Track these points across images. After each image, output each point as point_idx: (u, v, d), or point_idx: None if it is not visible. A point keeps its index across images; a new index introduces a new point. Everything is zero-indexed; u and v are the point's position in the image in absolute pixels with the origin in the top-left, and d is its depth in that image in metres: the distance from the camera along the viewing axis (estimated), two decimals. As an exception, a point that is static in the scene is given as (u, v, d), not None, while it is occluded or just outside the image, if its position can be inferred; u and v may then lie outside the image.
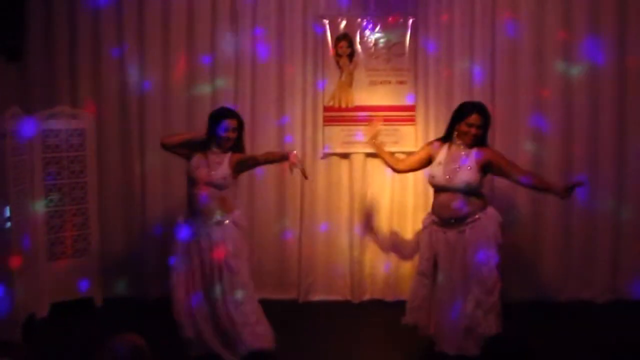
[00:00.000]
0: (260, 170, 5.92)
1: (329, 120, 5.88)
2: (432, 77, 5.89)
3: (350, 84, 5.86)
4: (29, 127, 5.38)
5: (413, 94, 5.87)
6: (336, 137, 5.89)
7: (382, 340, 5.06)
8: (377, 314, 5.68)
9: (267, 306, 5.79)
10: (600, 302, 5.84)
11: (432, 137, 5.81)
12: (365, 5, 5.91)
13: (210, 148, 4.60)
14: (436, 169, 4.52)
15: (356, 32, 5.86)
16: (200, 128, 5.81)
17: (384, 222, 5.95)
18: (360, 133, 5.78)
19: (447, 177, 4.44)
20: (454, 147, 4.53)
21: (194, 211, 4.59)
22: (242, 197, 5.93)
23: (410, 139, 5.86)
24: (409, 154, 5.18)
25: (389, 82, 5.86)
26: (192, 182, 4.59)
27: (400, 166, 4.90)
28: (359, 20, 5.86)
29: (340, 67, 5.87)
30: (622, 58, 5.83)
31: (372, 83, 5.87)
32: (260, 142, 5.92)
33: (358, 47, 5.86)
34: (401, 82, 5.86)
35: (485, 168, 4.48)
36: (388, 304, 5.92)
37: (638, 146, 5.83)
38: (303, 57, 5.90)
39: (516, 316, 5.51)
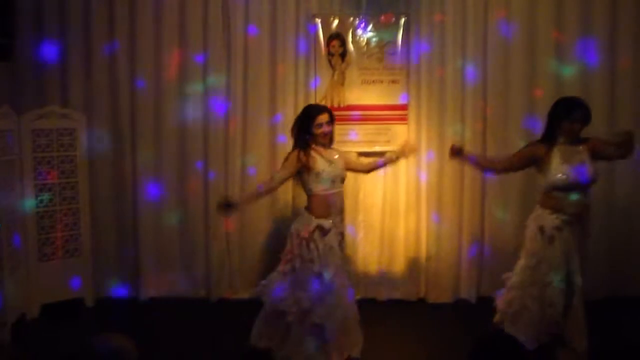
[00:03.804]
0: (252, 169, 5.94)
1: (321, 120, 5.86)
2: (424, 76, 5.88)
3: (342, 83, 5.84)
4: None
5: (405, 93, 5.85)
6: (328, 137, 5.88)
7: (375, 338, 5.04)
8: (370, 313, 5.65)
9: (257, 305, 5.82)
10: (593, 299, 5.84)
11: (424, 136, 5.88)
12: (358, 4, 5.89)
13: (310, 148, 4.56)
14: (563, 168, 4.39)
15: (348, 31, 5.83)
16: (191, 126, 5.90)
17: (376, 221, 5.95)
18: (359, 132, 5.80)
19: (575, 175, 4.37)
20: (563, 147, 4.44)
21: (328, 211, 4.50)
22: (232, 193, 5.91)
23: (402, 138, 5.84)
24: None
25: (381, 81, 5.84)
26: (326, 182, 4.50)
27: (499, 167, 4.87)
28: (352, 19, 5.84)
29: (332, 66, 5.85)
30: (613, 59, 5.85)
31: (365, 82, 5.85)
32: (252, 141, 5.93)
33: (350, 46, 5.83)
34: (393, 81, 5.84)
35: (598, 159, 4.47)
36: (380, 303, 5.93)
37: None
38: (295, 56, 5.88)
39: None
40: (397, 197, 5.93)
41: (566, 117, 4.41)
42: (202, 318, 5.57)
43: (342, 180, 4.60)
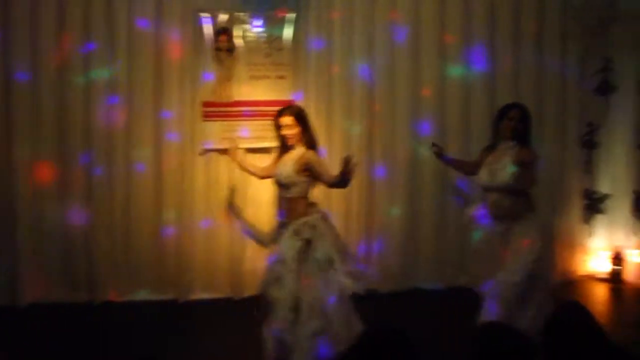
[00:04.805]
0: (140, 166, 5.78)
1: (208, 115, 5.77)
2: (312, 73, 5.93)
3: (229, 78, 5.77)
4: None
5: (293, 89, 5.86)
6: (216, 133, 5.78)
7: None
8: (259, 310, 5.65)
9: (145, 307, 5.68)
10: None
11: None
12: (247, -1, 5.85)
13: (284, 150, 4.58)
14: (481, 171, 4.72)
15: (236, 26, 5.77)
16: (71, 122, 5.67)
17: (264, 217, 5.90)
18: (247, 128, 5.78)
19: (489, 177, 4.64)
20: (498, 149, 4.70)
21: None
22: (118, 191, 5.75)
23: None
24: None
25: (269, 77, 5.81)
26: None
27: (466, 169, 5.18)
28: (240, 14, 5.77)
29: (220, 61, 5.76)
30: (494, 62, 6.14)
31: (252, 77, 5.80)
32: (139, 137, 5.77)
33: (238, 41, 5.78)
34: (281, 77, 5.83)
35: (522, 166, 4.56)
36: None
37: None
38: (182, 51, 5.76)
39: (396, 305, 5.70)
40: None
41: (502, 117, 4.71)
42: (86, 323, 5.33)
43: (282, 185, 4.49)
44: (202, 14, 5.73)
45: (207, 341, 4.97)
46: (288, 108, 4.63)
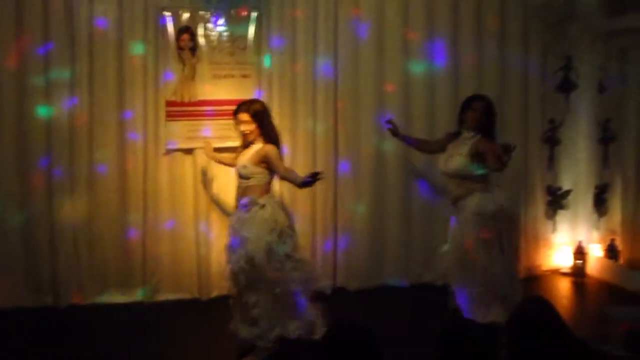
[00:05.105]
0: (101, 167, 5.69)
1: (171, 115, 5.71)
2: (276, 71, 5.90)
3: (192, 77, 5.71)
4: None
5: (257, 88, 5.84)
6: (179, 133, 5.73)
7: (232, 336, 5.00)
8: (226, 310, 5.61)
9: (112, 309, 5.61)
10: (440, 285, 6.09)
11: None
12: (209, -3, 5.80)
13: (244, 145, 4.73)
14: (440, 158, 4.95)
15: (199, 24, 5.72)
16: (31, 123, 5.55)
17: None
18: (210, 128, 5.73)
19: (444, 163, 4.87)
20: (460, 138, 4.86)
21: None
22: (81, 193, 5.66)
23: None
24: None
25: (233, 76, 5.78)
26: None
27: (428, 147, 5.41)
28: (202, 12, 5.72)
29: (182, 61, 5.71)
30: (457, 58, 6.19)
31: (216, 77, 5.76)
32: (101, 138, 5.68)
33: (201, 40, 5.73)
34: (245, 76, 5.80)
35: (477, 156, 4.66)
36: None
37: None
38: (145, 50, 5.68)
39: (363, 302, 5.72)
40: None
41: (466, 107, 4.85)
42: (52, 327, 5.22)
43: (241, 176, 4.60)
44: (164, 13, 5.67)
45: (174, 342, 4.92)
46: (244, 104, 4.68)
